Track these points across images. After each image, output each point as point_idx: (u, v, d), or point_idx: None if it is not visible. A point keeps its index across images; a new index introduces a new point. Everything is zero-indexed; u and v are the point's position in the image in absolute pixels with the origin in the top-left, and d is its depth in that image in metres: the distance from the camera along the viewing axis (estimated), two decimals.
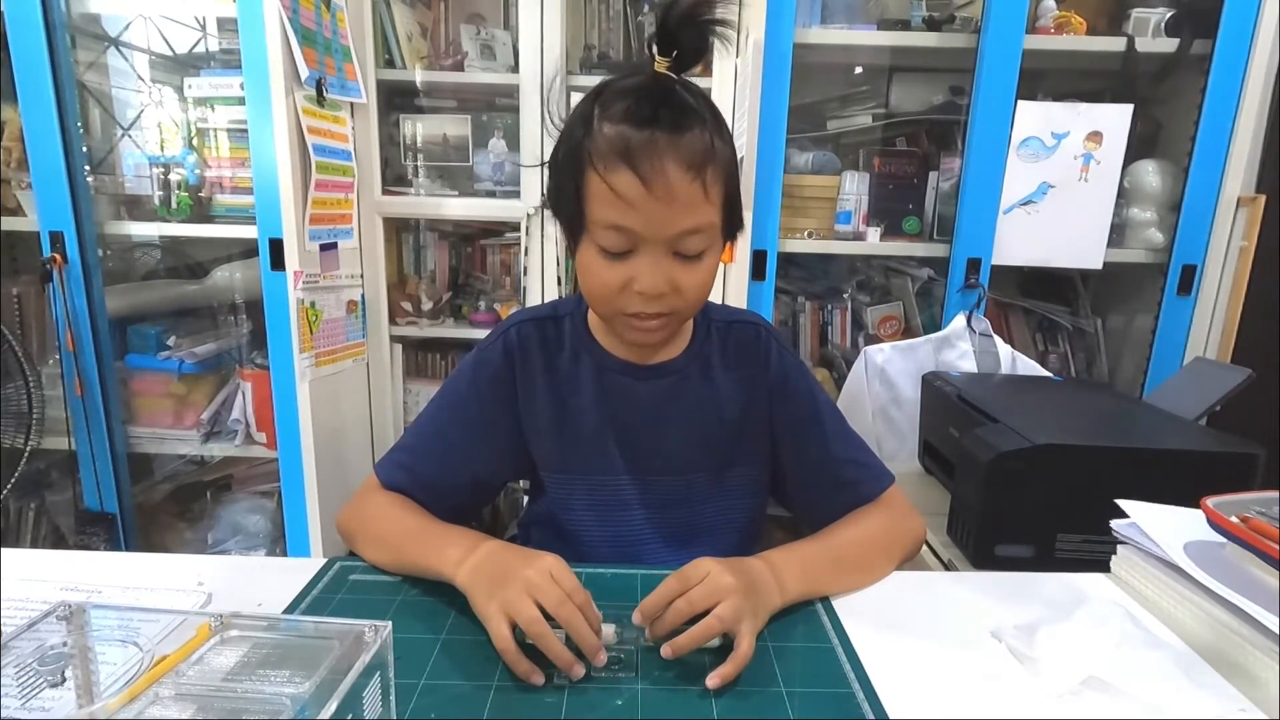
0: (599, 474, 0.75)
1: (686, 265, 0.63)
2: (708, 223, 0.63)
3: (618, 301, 0.65)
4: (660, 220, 0.60)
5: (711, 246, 0.65)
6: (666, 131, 0.59)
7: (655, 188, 0.59)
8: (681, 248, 0.62)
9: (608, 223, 0.61)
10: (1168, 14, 1.49)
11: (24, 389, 1.56)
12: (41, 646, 0.40)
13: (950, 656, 0.56)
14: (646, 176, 0.58)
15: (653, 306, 0.64)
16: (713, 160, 0.61)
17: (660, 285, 0.62)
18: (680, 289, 0.63)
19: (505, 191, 1.74)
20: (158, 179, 1.58)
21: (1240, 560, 0.60)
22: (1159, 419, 0.96)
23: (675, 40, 0.61)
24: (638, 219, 0.60)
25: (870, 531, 0.71)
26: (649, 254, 0.62)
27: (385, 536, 0.68)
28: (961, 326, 1.44)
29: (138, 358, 1.68)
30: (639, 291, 0.63)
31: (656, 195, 0.59)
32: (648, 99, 0.60)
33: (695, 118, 0.61)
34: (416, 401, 1.88)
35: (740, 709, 0.50)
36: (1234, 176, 1.48)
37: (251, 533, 1.76)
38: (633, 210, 0.60)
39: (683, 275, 0.63)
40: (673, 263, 0.63)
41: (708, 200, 0.62)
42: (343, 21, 1.53)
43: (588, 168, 0.61)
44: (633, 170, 0.59)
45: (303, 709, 0.36)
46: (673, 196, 0.59)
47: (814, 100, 1.71)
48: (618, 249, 0.62)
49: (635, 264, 0.62)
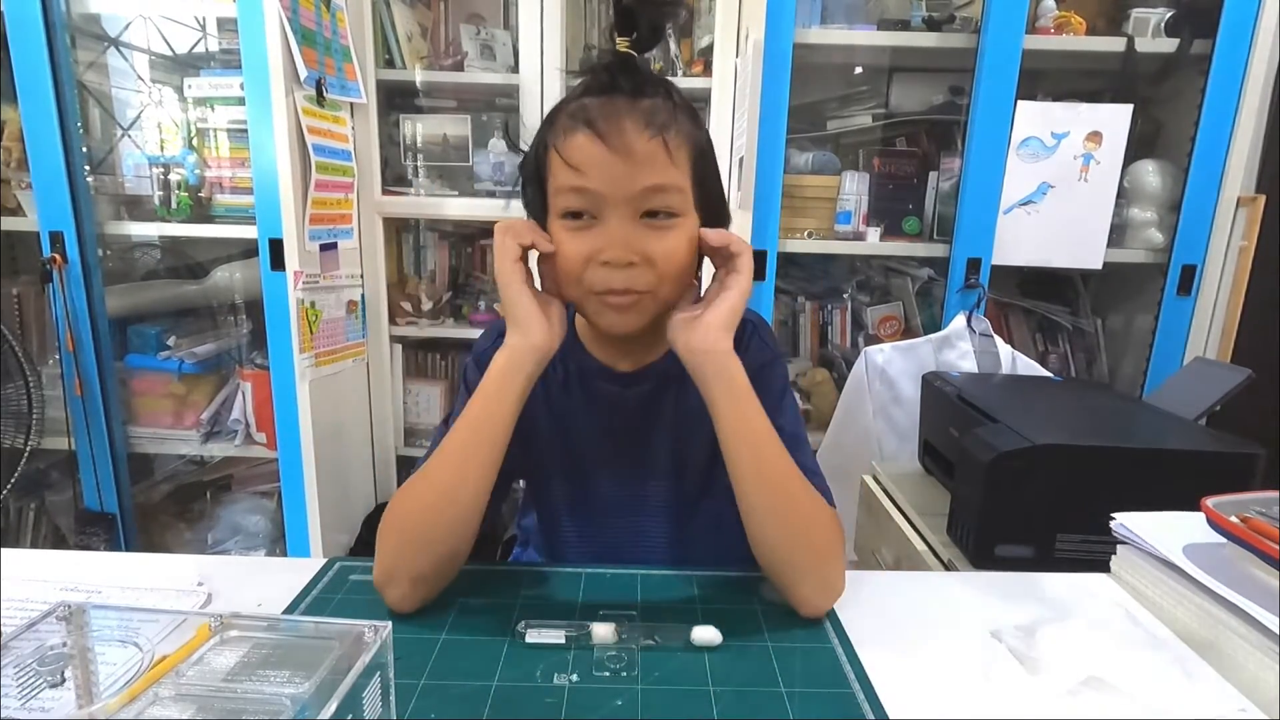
0: (588, 480, 0.75)
1: (656, 232, 0.60)
2: (673, 184, 0.60)
3: (586, 276, 0.61)
4: (621, 175, 0.58)
5: (684, 216, 0.62)
6: (626, 97, 0.59)
7: (613, 144, 0.57)
8: (648, 206, 0.60)
9: (567, 185, 0.60)
10: (1168, 14, 1.49)
11: (24, 389, 1.56)
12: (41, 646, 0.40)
13: (950, 656, 0.56)
14: (604, 133, 0.57)
15: (621, 279, 0.60)
16: (675, 124, 0.60)
17: (626, 252, 0.59)
18: (651, 259, 0.60)
19: (505, 191, 1.73)
20: (158, 179, 1.58)
21: (1240, 560, 0.60)
22: (1159, 419, 0.96)
23: (633, 20, 0.60)
24: (597, 177, 0.58)
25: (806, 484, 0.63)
26: (614, 218, 0.59)
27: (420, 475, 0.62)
28: (962, 326, 1.44)
29: (138, 358, 1.68)
30: (605, 261, 0.60)
31: (615, 150, 0.57)
32: (606, 69, 0.60)
33: (657, 88, 0.61)
34: (416, 402, 1.88)
35: (740, 709, 0.50)
36: (1234, 176, 1.48)
37: (251, 533, 1.76)
38: (593, 169, 0.58)
39: (652, 243, 0.60)
40: (641, 229, 0.60)
41: (672, 163, 0.59)
42: (343, 21, 1.53)
43: (549, 147, 0.61)
44: (590, 130, 0.58)
45: (303, 709, 0.36)
46: (631, 152, 0.57)
47: (814, 100, 1.71)
48: (578, 208, 0.60)
49: (600, 233, 0.60)
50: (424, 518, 0.61)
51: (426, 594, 0.61)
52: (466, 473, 0.61)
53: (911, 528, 1.01)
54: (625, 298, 0.62)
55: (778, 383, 0.72)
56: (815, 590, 0.61)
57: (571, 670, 0.53)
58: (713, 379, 0.61)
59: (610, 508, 0.76)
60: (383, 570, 0.61)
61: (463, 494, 0.61)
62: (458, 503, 0.61)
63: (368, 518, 1.77)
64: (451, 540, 0.61)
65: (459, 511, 0.61)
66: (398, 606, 0.60)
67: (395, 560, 0.60)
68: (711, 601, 0.63)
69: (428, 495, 0.62)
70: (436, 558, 0.60)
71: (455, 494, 0.61)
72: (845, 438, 1.51)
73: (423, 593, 0.61)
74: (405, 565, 0.60)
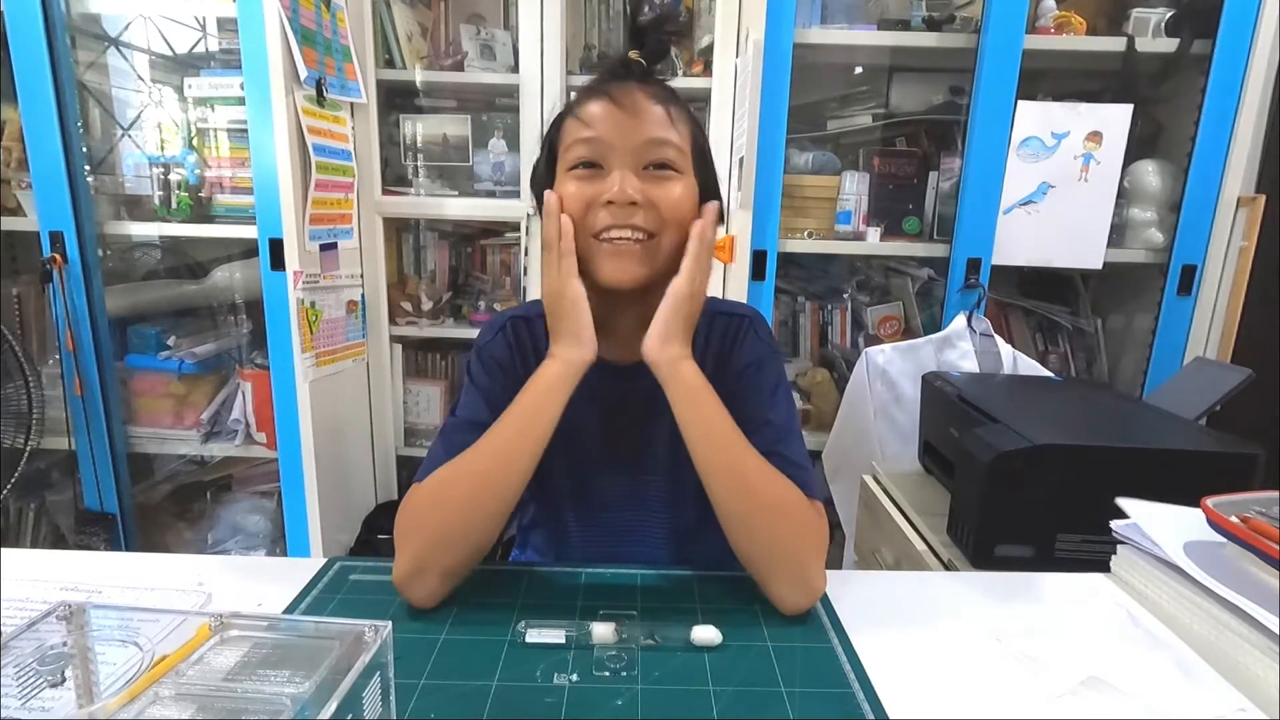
0: (589, 474, 0.76)
1: (658, 181, 0.65)
2: (674, 141, 0.66)
3: (589, 221, 0.65)
4: (627, 129, 0.64)
5: (684, 175, 0.67)
6: (636, 80, 0.68)
7: (623, 103, 0.65)
8: (651, 157, 0.65)
9: (577, 138, 0.66)
10: (1168, 14, 1.49)
11: (24, 389, 1.56)
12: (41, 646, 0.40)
13: (950, 656, 0.56)
14: (615, 96, 0.65)
15: (626, 218, 0.64)
16: (676, 105, 0.67)
17: (631, 192, 0.64)
18: (654, 203, 0.65)
19: (505, 191, 1.74)
20: (158, 179, 1.58)
21: (1240, 560, 0.60)
22: (1159, 419, 0.96)
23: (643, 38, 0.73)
24: (606, 127, 0.65)
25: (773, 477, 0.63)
26: (619, 165, 0.65)
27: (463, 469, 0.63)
28: (962, 326, 1.44)
29: (138, 358, 1.68)
30: (610, 200, 0.64)
31: (624, 108, 0.65)
32: (620, 62, 0.71)
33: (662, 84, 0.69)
34: (416, 401, 1.88)
35: (740, 709, 0.50)
36: (1234, 176, 1.48)
37: (251, 533, 1.76)
38: (601, 123, 0.65)
39: (655, 190, 0.65)
40: (644, 177, 0.65)
41: (674, 129, 0.66)
42: (343, 21, 1.53)
43: (564, 118, 0.69)
44: (603, 96, 0.66)
45: (303, 709, 0.36)
46: (638, 109, 0.65)
47: (814, 100, 1.71)
48: (587, 157, 0.65)
49: (607, 179, 0.65)
50: (465, 509, 0.62)
51: (450, 589, 0.62)
52: (511, 466, 0.63)
53: (911, 528, 1.01)
54: (627, 241, 0.65)
55: (769, 378, 0.73)
56: (790, 588, 0.62)
57: (571, 670, 0.53)
58: (667, 384, 0.65)
59: (610, 502, 0.76)
60: (412, 566, 0.61)
61: (504, 487, 0.63)
62: (500, 496, 0.63)
63: (368, 518, 1.77)
64: (488, 532, 0.63)
65: (499, 506, 0.63)
66: (424, 603, 0.61)
67: (427, 554, 0.61)
68: (711, 601, 0.64)
69: (470, 488, 0.63)
70: (471, 549, 0.62)
71: (498, 487, 0.63)
72: (846, 438, 1.51)
73: (448, 587, 0.62)
74: (439, 559, 0.61)
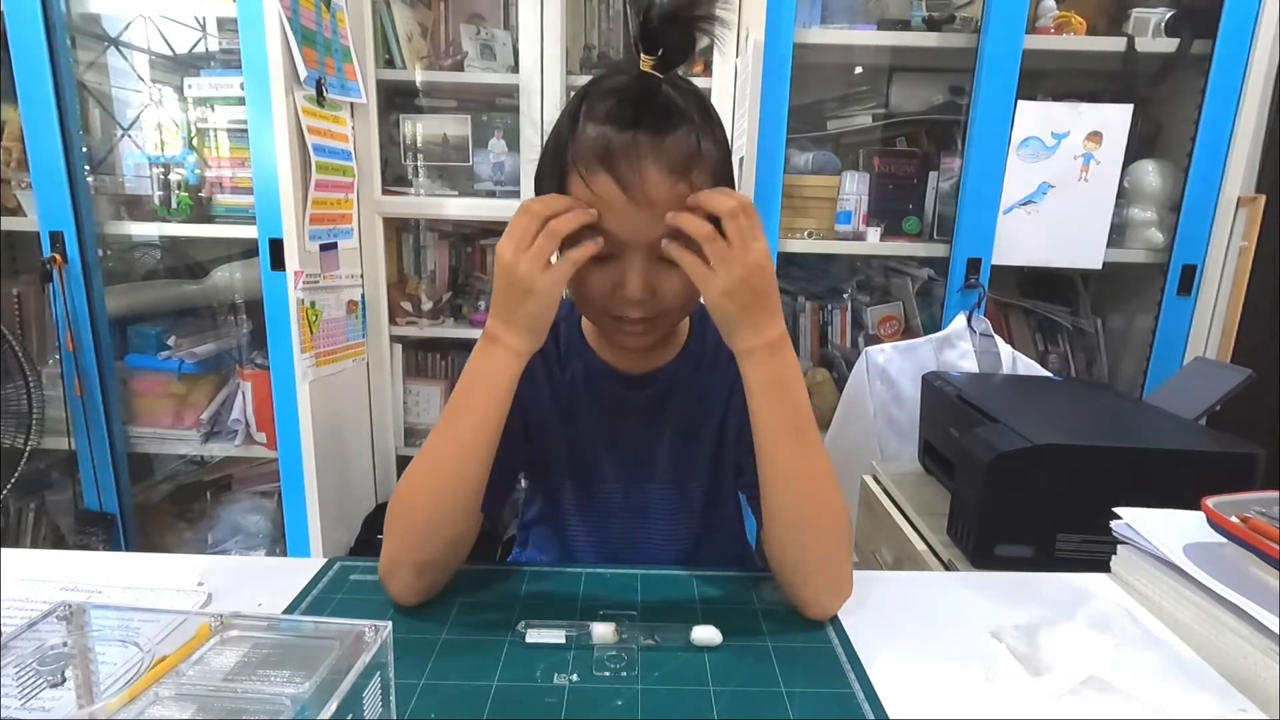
0: (593, 481, 0.76)
1: (670, 270, 0.61)
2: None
3: (605, 305, 0.64)
4: (640, 225, 0.59)
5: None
6: (648, 134, 0.57)
7: (634, 193, 0.57)
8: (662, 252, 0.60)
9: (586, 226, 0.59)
10: (1168, 14, 1.49)
11: (24, 389, 1.56)
12: (41, 646, 0.40)
13: (950, 656, 0.56)
14: (626, 182, 0.57)
15: (636, 312, 0.63)
16: (698, 163, 0.59)
17: (641, 291, 0.61)
18: (663, 295, 0.62)
19: (505, 191, 1.74)
20: (158, 179, 1.58)
21: (1240, 560, 0.60)
22: (1159, 419, 0.96)
23: (658, 39, 0.56)
24: (617, 224, 0.59)
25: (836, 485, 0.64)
26: (631, 258, 0.61)
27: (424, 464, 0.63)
28: (962, 326, 1.44)
29: (138, 358, 1.68)
30: (623, 297, 0.62)
31: (636, 201, 0.58)
32: (630, 101, 0.58)
33: (681, 119, 0.59)
34: (416, 401, 1.88)
35: (740, 709, 0.50)
36: (1234, 176, 1.48)
37: (251, 533, 1.76)
38: (615, 216, 0.59)
39: (666, 280, 0.62)
40: (656, 267, 0.61)
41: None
42: (343, 21, 1.53)
43: (570, 170, 0.60)
44: (612, 175, 0.58)
45: (303, 709, 0.36)
46: (652, 201, 0.58)
47: (814, 100, 1.71)
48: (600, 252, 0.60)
49: (619, 269, 0.61)
50: (431, 505, 0.61)
51: (430, 585, 0.61)
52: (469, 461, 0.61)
53: (911, 528, 1.01)
54: (640, 325, 0.65)
55: None
56: (826, 593, 0.61)
57: (571, 670, 0.53)
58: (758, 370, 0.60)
59: (615, 508, 0.76)
60: (387, 559, 0.61)
61: (466, 483, 0.61)
62: (461, 492, 0.61)
63: (368, 518, 1.77)
64: (457, 526, 0.62)
65: (462, 501, 0.62)
66: (401, 598, 0.60)
67: (399, 549, 0.60)
68: (711, 601, 0.63)
69: (434, 484, 0.62)
70: (443, 544, 0.61)
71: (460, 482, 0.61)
72: (845, 438, 1.51)
73: (426, 582, 0.61)
74: (410, 554, 0.60)
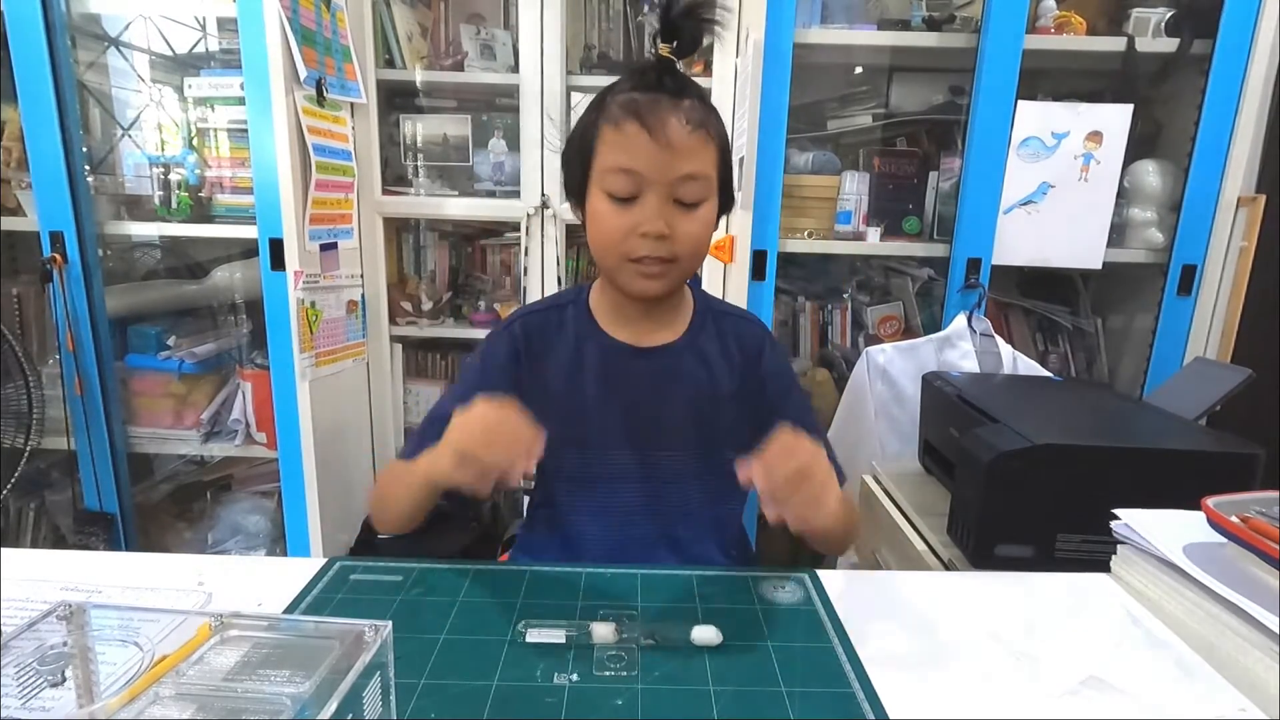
0: (600, 446, 0.80)
1: (686, 213, 0.71)
2: (705, 173, 0.70)
3: (624, 246, 0.71)
4: (663, 163, 0.68)
5: (708, 200, 0.72)
6: (670, 95, 0.69)
7: (658, 135, 0.67)
8: (681, 194, 0.70)
9: (616, 166, 0.69)
10: (1168, 14, 1.49)
11: (24, 389, 1.56)
12: (41, 646, 0.40)
13: (950, 656, 0.56)
14: (652, 126, 0.67)
15: (656, 250, 0.70)
16: (710, 123, 0.70)
17: (659, 225, 0.69)
18: (678, 235, 0.70)
19: (505, 191, 1.74)
20: (158, 179, 1.58)
21: (1240, 560, 0.60)
22: (1159, 419, 0.96)
23: (676, 31, 0.69)
24: (643, 161, 0.68)
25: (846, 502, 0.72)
26: (652, 198, 0.69)
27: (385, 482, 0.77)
28: (962, 326, 1.44)
29: (138, 358, 1.68)
30: (642, 234, 0.70)
31: (659, 141, 0.67)
32: (653, 69, 0.70)
33: (694, 90, 0.71)
34: (416, 401, 1.88)
35: (740, 709, 0.50)
36: (1234, 176, 1.48)
37: (251, 533, 1.76)
38: (640, 154, 0.68)
39: (682, 222, 0.71)
40: (672, 209, 0.70)
41: (706, 152, 0.70)
42: (343, 21, 1.53)
43: (601, 125, 0.71)
44: (639, 121, 0.68)
45: (303, 709, 0.36)
46: (673, 143, 0.68)
47: (814, 100, 1.71)
48: (625, 193, 0.70)
49: (640, 209, 0.70)
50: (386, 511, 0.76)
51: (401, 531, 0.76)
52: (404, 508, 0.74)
53: (911, 528, 1.01)
54: (657, 265, 0.72)
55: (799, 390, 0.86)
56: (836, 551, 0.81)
57: (571, 670, 0.53)
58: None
59: (615, 474, 0.81)
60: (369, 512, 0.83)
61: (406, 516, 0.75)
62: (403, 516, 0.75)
63: (368, 518, 1.77)
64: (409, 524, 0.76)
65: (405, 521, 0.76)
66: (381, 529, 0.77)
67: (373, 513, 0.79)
68: (711, 601, 0.64)
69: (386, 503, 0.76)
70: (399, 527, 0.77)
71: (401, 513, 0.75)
72: (846, 438, 1.51)
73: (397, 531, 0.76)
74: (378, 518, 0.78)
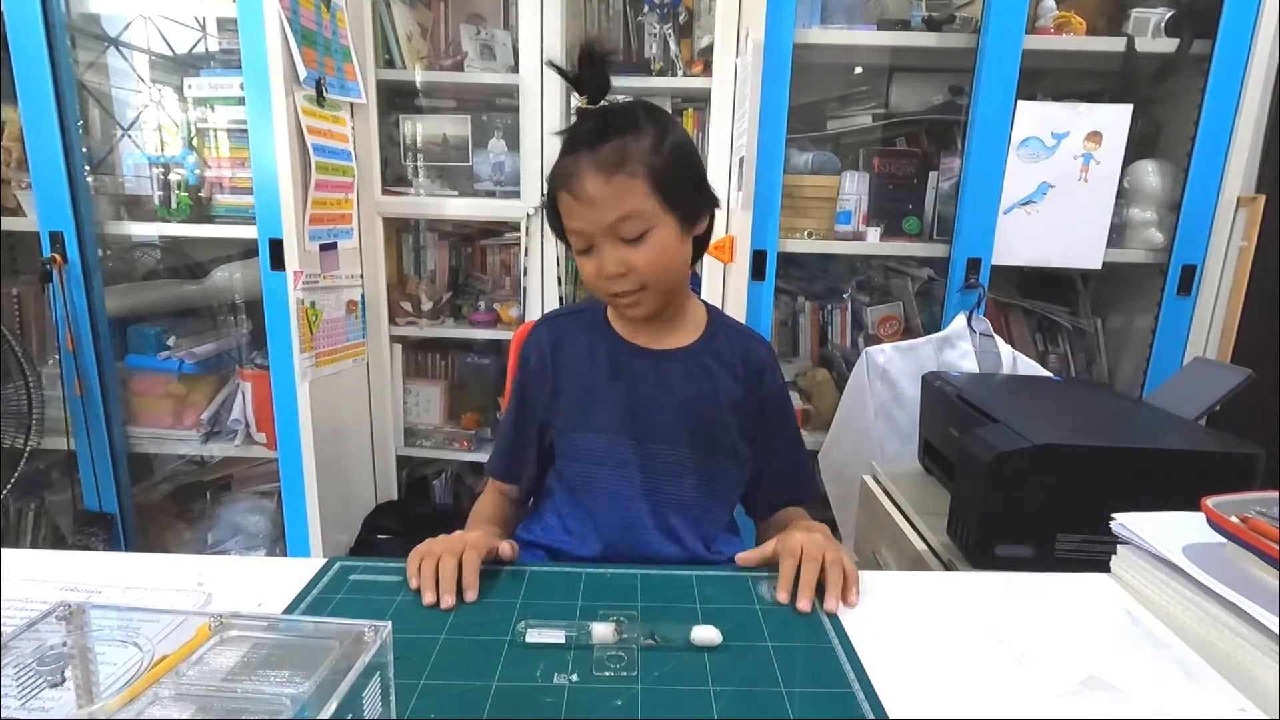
0: (609, 434, 0.86)
1: (635, 247, 0.77)
2: (636, 209, 0.76)
3: (598, 287, 0.81)
4: (594, 218, 0.77)
5: (654, 227, 0.77)
6: (586, 151, 0.76)
7: (581, 197, 0.76)
8: (623, 233, 0.77)
9: (569, 229, 0.80)
10: (1168, 14, 1.49)
11: (24, 389, 1.56)
12: (41, 646, 0.40)
13: (950, 656, 0.56)
14: (575, 190, 0.77)
15: (618, 286, 0.79)
16: (630, 157, 0.75)
17: (613, 267, 0.78)
18: (634, 267, 0.78)
19: (505, 191, 1.74)
20: (158, 179, 1.58)
21: (1240, 560, 0.60)
22: (1159, 419, 0.96)
23: (582, 84, 0.79)
24: (580, 221, 0.78)
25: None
26: (604, 244, 0.78)
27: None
28: (962, 326, 1.44)
29: (138, 358, 1.68)
30: (606, 277, 0.79)
31: (584, 202, 0.76)
32: (571, 133, 0.79)
33: (612, 131, 0.76)
34: (416, 401, 1.88)
35: (740, 709, 0.50)
36: (1234, 176, 1.47)
37: (251, 533, 1.76)
38: (576, 216, 0.78)
39: (634, 256, 0.78)
40: (622, 248, 0.78)
41: (631, 189, 0.75)
42: (342, 21, 1.53)
43: (553, 192, 0.81)
44: (567, 190, 0.77)
45: (303, 709, 0.36)
46: (595, 199, 0.76)
47: (814, 100, 1.71)
48: (582, 247, 0.80)
49: (597, 257, 0.79)
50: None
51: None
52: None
53: (911, 528, 1.01)
54: (630, 296, 0.81)
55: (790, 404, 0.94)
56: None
57: (571, 670, 0.53)
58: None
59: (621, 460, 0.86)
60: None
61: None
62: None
63: (368, 518, 1.77)
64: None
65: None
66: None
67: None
68: (711, 601, 0.64)
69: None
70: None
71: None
72: (845, 438, 1.51)
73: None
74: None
